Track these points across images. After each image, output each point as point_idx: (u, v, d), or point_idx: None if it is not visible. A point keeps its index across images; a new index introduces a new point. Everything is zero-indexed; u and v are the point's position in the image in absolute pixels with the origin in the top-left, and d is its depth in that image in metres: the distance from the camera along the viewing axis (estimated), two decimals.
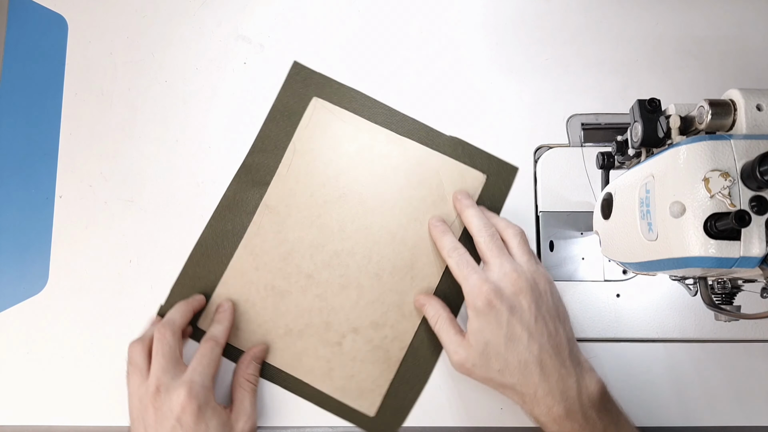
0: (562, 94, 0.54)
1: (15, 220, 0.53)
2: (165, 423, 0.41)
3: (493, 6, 0.56)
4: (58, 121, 0.55)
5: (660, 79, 0.54)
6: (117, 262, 0.52)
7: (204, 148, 0.54)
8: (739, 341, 0.49)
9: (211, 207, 0.52)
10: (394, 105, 0.54)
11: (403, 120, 0.53)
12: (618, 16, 0.55)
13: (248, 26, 0.56)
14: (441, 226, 0.49)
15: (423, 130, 0.53)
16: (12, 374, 0.50)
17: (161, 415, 0.41)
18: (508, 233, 0.45)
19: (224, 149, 0.54)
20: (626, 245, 0.39)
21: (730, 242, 0.30)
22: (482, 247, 0.45)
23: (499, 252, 0.44)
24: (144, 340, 0.45)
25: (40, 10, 0.57)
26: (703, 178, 0.30)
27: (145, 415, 0.42)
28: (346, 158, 0.52)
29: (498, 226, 0.46)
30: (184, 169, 0.53)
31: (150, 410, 0.41)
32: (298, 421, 0.49)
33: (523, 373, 0.41)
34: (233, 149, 0.53)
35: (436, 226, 0.49)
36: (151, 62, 0.56)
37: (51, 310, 0.51)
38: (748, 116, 0.32)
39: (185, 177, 0.53)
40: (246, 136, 0.54)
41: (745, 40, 0.54)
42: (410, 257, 0.50)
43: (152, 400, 0.41)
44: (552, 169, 0.52)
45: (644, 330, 0.49)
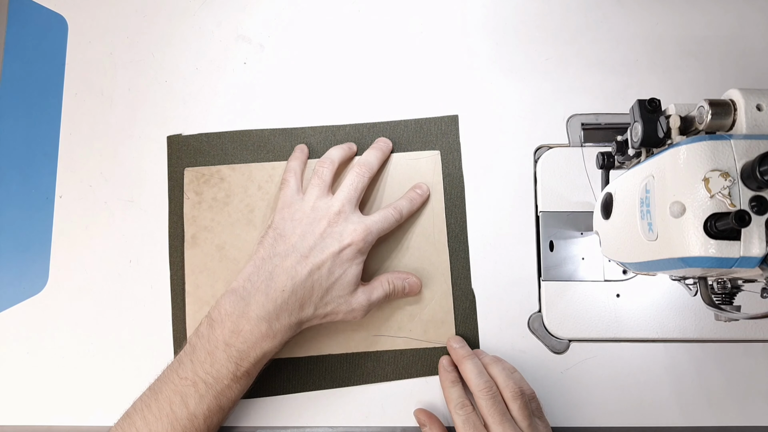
0: (562, 94, 0.54)
1: (15, 220, 0.53)
2: (328, 241, 0.44)
3: (493, 6, 0.56)
4: (58, 121, 0.55)
5: (660, 79, 0.54)
6: (117, 262, 0.52)
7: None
8: (739, 341, 0.49)
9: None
10: (394, 105, 0.54)
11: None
12: (618, 16, 0.55)
13: (248, 26, 0.56)
14: (451, 375, 0.46)
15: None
16: (12, 374, 0.50)
17: (329, 233, 0.44)
18: (507, 395, 0.43)
19: None
20: (626, 245, 0.39)
21: (730, 242, 0.30)
22: (484, 410, 0.42)
23: (502, 418, 0.41)
24: (334, 162, 0.48)
25: (40, 10, 0.57)
26: (703, 178, 0.30)
27: (313, 223, 0.45)
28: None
29: (497, 382, 0.44)
30: None
31: (323, 223, 0.45)
32: (298, 421, 0.49)
33: None
34: None
35: (445, 376, 0.47)
36: (151, 62, 0.56)
37: (51, 310, 0.51)
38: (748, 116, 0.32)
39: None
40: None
41: (745, 40, 0.54)
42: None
43: (331, 217, 0.45)
44: (552, 169, 0.52)
45: (644, 330, 0.49)
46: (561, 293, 0.50)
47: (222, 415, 0.43)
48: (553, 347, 0.49)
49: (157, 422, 0.41)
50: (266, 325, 0.42)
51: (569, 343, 0.49)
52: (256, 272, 0.44)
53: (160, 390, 0.42)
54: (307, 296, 0.43)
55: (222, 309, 0.43)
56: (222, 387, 0.41)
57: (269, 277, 0.43)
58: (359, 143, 0.53)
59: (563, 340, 0.49)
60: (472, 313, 0.50)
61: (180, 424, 0.40)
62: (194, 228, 0.52)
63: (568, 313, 0.49)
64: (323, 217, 0.45)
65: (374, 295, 0.46)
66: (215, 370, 0.41)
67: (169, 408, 0.41)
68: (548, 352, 0.49)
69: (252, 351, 0.42)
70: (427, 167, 0.52)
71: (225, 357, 0.41)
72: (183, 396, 0.41)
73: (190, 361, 0.42)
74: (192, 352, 0.42)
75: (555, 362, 0.49)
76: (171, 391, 0.41)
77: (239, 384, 0.42)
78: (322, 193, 0.47)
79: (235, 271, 0.51)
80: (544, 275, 0.50)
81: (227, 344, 0.42)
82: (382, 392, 0.49)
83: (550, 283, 0.50)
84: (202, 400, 0.41)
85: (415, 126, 0.53)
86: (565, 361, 0.49)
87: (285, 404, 0.49)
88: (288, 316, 0.43)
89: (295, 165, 0.50)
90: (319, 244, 0.44)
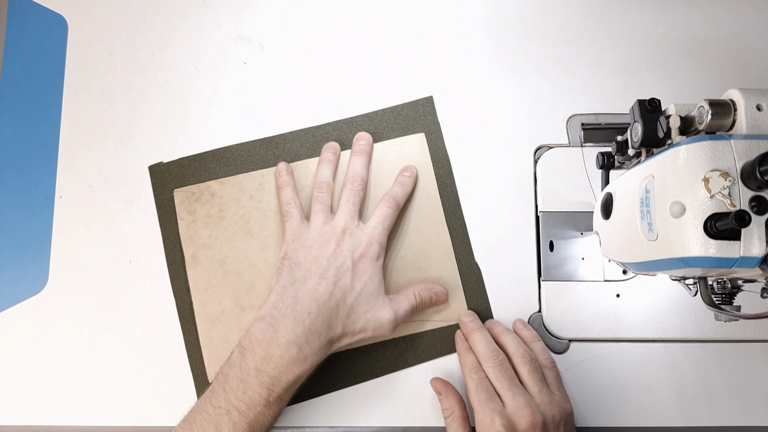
0: (562, 94, 0.54)
1: (15, 220, 0.53)
2: (341, 259, 0.45)
3: (493, 6, 0.56)
4: (58, 121, 0.55)
5: (660, 79, 0.54)
6: (117, 262, 0.52)
7: (204, 148, 0.54)
8: (739, 341, 0.49)
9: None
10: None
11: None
12: (618, 16, 0.55)
13: (248, 26, 0.56)
14: (465, 343, 0.47)
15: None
16: (12, 374, 0.50)
17: (339, 252, 0.46)
18: (517, 360, 0.44)
19: None
20: (626, 245, 0.39)
21: (730, 242, 0.30)
22: (492, 377, 0.43)
23: (510, 384, 0.42)
24: (329, 185, 0.50)
25: (40, 10, 0.57)
26: (703, 178, 0.30)
27: (323, 248, 0.46)
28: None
29: (508, 350, 0.45)
30: None
31: (331, 245, 0.46)
32: (298, 421, 0.49)
33: None
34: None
35: (461, 345, 0.47)
36: (151, 62, 0.56)
37: (51, 310, 0.51)
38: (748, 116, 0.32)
39: None
40: (245, 136, 0.54)
41: (745, 40, 0.54)
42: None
43: (337, 238, 0.46)
44: (552, 169, 0.52)
45: (644, 330, 0.49)
46: (561, 293, 0.50)
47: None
48: (553, 347, 0.49)
49: None
50: (296, 349, 0.42)
51: (569, 343, 0.49)
52: (281, 299, 0.44)
53: (194, 421, 0.42)
54: (333, 315, 0.44)
55: (252, 337, 0.43)
56: (255, 414, 0.41)
57: (294, 301, 0.44)
58: (341, 141, 0.53)
59: (563, 340, 0.49)
60: (480, 285, 0.50)
61: None
62: (193, 247, 0.52)
63: (568, 313, 0.49)
64: (330, 239, 0.46)
65: (401, 309, 0.46)
66: (248, 397, 0.41)
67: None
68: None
69: (284, 376, 0.42)
70: (414, 151, 0.53)
71: (257, 383, 0.41)
72: (217, 425, 0.41)
73: (223, 390, 0.42)
74: (224, 381, 0.42)
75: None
76: (205, 421, 0.41)
77: (271, 410, 0.42)
78: (326, 217, 0.48)
79: (239, 284, 0.51)
80: (544, 275, 0.50)
81: (259, 371, 0.42)
82: (382, 392, 0.49)
83: (550, 283, 0.50)
84: (235, 429, 0.41)
85: (392, 114, 0.54)
86: (565, 361, 0.49)
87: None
88: (317, 338, 0.43)
89: (289, 193, 0.50)
90: (332, 264, 0.45)
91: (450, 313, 0.50)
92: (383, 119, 0.54)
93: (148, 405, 0.49)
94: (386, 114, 0.54)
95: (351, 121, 0.54)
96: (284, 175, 0.52)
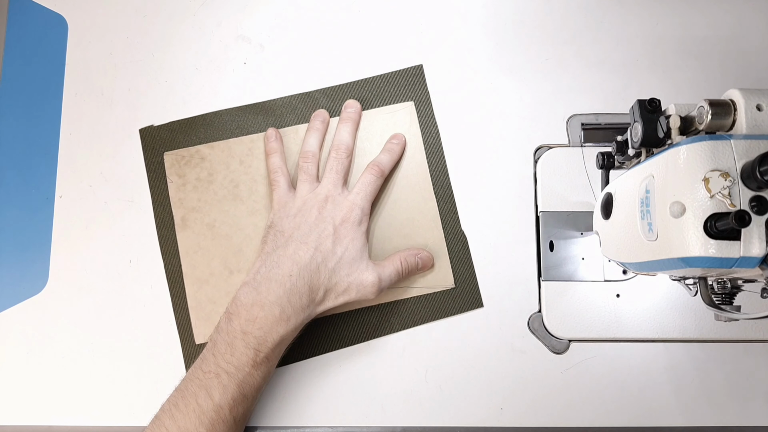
0: (562, 94, 0.54)
1: (15, 220, 0.53)
2: (322, 226, 0.46)
3: (493, 6, 0.56)
4: (58, 121, 0.55)
5: (660, 79, 0.54)
6: (117, 262, 0.52)
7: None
8: (739, 341, 0.49)
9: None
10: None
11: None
12: (618, 16, 0.55)
13: (248, 26, 0.56)
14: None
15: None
16: (12, 374, 0.50)
17: (321, 218, 0.47)
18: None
19: None
20: (626, 245, 0.39)
21: (730, 242, 0.30)
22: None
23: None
24: (315, 154, 0.51)
25: (40, 10, 0.57)
26: (703, 178, 0.30)
27: (306, 215, 0.47)
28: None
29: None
30: None
31: (314, 212, 0.47)
32: (299, 421, 0.49)
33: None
34: None
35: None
36: (151, 62, 0.56)
37: (51, 310, 0.51)
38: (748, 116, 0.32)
39: None
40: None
41: (745, 40, 0.54)
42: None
43: (319, 205, 0.47)
44: (552, 169, 0.52)
45: (644, 330, 0.49)
46: (561, 293, 0.50)
47: (246, 404, 0.44)
48: (553, 347, 0.49)
49: (184, 418, 0.41)
50: (279, 309, 0.43)
51: (569, 343, 0.49)
52: (264, 264, 0.45)
53: (185, 388, 0.43)
54: (315, 278, 0.45)
55: (237, 301, 0.44)
56: (243, 375, 0.43)
57: (276, 266, 0.45)
58: (330, 108, 0.54)
59: (563, 340, 0.49)
60: (466, 253, 0.51)
61: (207, 416, 0.41)
62: (182, 210, 0.52)
63: (568, 313, 0.49)
64: (313, 206, 0.48)
65: (386, 273, 0.47)
66: (236, 359, 0.42)
67: (195, 403, 0.42)
68: (548, 352, 0.49)
69: (269, 336, 0.43)
70: (403, 119, 0.53)
71: (243, 345, 0.43)
72: (207, 389, 0.42)
73: (212, 355, 0.43)
74: (213, 347, 0.44)
75: (555, 362, 0.49)
76: (196, 386, 0.42)
77: (260, 371, 0.43)
78: (311, 186, 0.50)
79: (228, 247, 0.52)
80: (544, 275, 0.50)
81: (244, 332, 0.43)
82: (383, 392, 0.49)
83: (550, 283, 0.50)
84: (225, 391, 0.42)
85: (382, 81, 0.54)
86: (565, 361, 0.49)
87: (285, 404, 0.49)
88: (299, 299, 0.44)
89: (277, 161, 0.51)
90: (314, 229, 0.46)
91: (436, 280, 0.50)
92: (373, 87, 0.54)
93: (148, 405, 0.49)
94: (376, 81, 0.54)
95: (340, 88, 0.54)
96: (272, 142, 0.52)
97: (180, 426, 0.41)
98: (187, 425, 0.41)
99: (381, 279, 0.47)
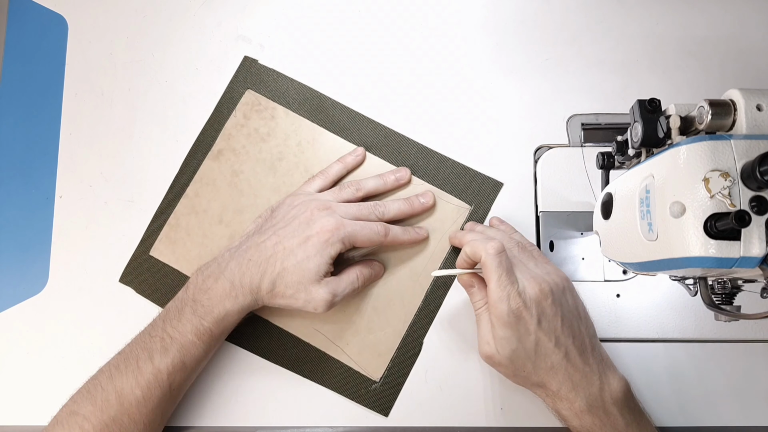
0: (562, 94, 0.54)
1: (15, 220, 0.53)
2: (302, 228, 0.46)
3: (493, 6, 0.56)
4: (58, 121, 0.55)
5: (660, 79, 0.54)
6: (117, 262, 0.52)
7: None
8: (739, 341, 0.49)
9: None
10: (393, 104, 0.54)
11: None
12: (618, 16, 0.55)
13: (248, 26, 0.56)
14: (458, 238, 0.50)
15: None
16: (12, 374, 0.50)
17: (307, 222, 0.46)
18: (507, 245, 0.44)
19: None
20: (626, 245, 0.39)
21: (730, 242, 0.30)
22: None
23: (517, 261, 0.44)
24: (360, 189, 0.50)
25: (40, 10, 0.57)
26: (703, 178, 0.30)
27: (302, 210, 0.47)
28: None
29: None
30: None
31: (307, 213, 0.47)
32: (299, 421, 0.49)
33: (549, 374, 0.42)
34: None
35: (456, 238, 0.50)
36: (151, 62, 0.56)
37: (51, 310, 0.51)
38: (748, 116, 0.32)
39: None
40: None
41: (745, 40, 0.54)
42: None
43: (319, 207, 0.47)
44: (552, 169, 0.52)
45: (644, 330, 0.49)
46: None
47: (185, 373, 0.44)
48: None
49: (122, 377, 0.42)
50: (229, 284, 0.45)
51: None
52: (237, 247, 0.47)
53: (129, 351, 0.44)
54: (269, 269, 0.45)
55: (199, 272, 0.47)
56: (185, 341, 0.44)
57: (245, 250, 0.46)
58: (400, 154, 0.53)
59: None
60: (408, 364, 0.49)
61: (144, 378, 0.42)
62: (224, 144, 0.54)
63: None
64: (313, 208, 0.47)
65: (340, 289, 0.46)
66: (181, 325, 0.44)
67: (135, 363, 0.43)
68: None
69: (215, 308, 0.44)
70: (450, 214, 0.52)
71: (191, 311, 0.44)
72: (150, 351, 0.43)
73: (161, 321, 0.45)
74: (165, 313, 0.46)
75: None
76: (140, 348, 0.44)
77: (202, 342, 0.44)
78: (323, 186, 0.51)
79: (234, 201, 0.53)
80: None
81: (194, 300, 0.45)
82: None
83: None
84: (166, 354, 0.43)
85: (461, 170, 0.52)
86: None
87: (285, 404, 0.49)
88: (249, 279, 0.45)
89: (337, 170, 0.52)
90: (295, 228, 0.46)
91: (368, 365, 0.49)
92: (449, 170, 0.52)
93: None
94: (455, 167, 0.52)
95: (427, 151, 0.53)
96: (352, 156, 0.52)
97: (116, 385, 0.42)
98: (122, 385, 0.42)
99: (334, 296, 0.45)
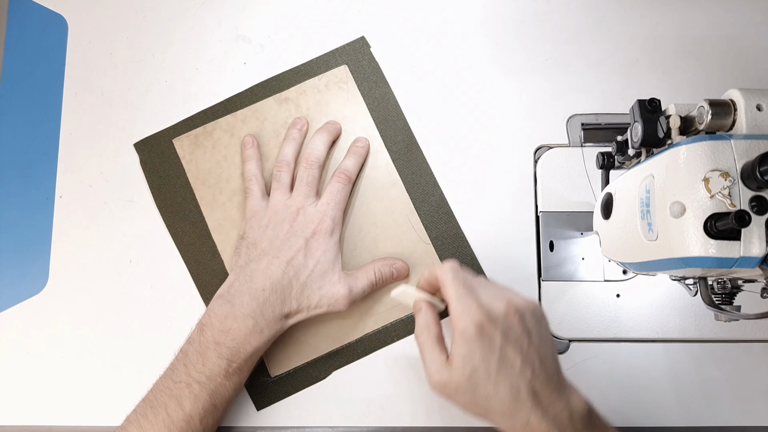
0: (562, 94, 0.54)
1: (15, 220, 0.53)
2: (293, 240, 0.46)
3: (493, 6, 0.56)
4: (58, 121, 0.55)
5: (660, 79, 0.54)
6: (117, 262, 0.52)
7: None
8: (739, 341, 0.49)
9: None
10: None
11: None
12: (618, 16, 0.55)
13: (248, 26, 0.56)
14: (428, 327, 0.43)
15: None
16: (12, 374, 0.50)
17: (293, 232, 0.46)
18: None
19: None
20: (626, 245, 0.39)
21: (730, 242, 0.30)
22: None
23: (476, 282, 0.40)
24: (289, 164, 0.50)
25: (40, 10, 0.57)
26: (703, 178, 0.30)
27: (277, 228, 0.47)
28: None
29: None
30: None
31: (285, 225, 0.47)
32: (298, 421, 0.49)
33: (515, 401, 0.37)
34: None
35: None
36: (151, 62, 0.56)
37: (51, 310, 0.51)
38: (748, 116, 0.32)
39: None
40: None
41: (745, 40, 0.54)
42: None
43: (291, 218, 0.47)
44: (552, 169, 0.52)
45: (644, 330, 0.49)
46: (561, 293, 0.50)
47: (217, 414, 0.43)
48: None
49: (153, 429, 0.41)
50: (252, 321, 0.43)
51: (569, 343, 0.49)
52: (238, 279, 0.46)
53: (155, 398, 0.42)
54: (287, 292, 0.45)
55: (211, 313, 0.45)
56: (215, 385, 0.42)
57: (249, 280, 0.45)
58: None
59: (563, 340, 0.49)
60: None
61: (177, 426, 0.41)
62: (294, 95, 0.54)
63: (568, 313, 0.49)
64: (285, 219, 0.47)
65: (358, 285, 0.47)
66: (207, 369, 0.42)
67: (165, 413, 0.41)
68: None
69: (242, 347, 0.43)
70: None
71: (216, 355, 0.43)
72: (178, 399, 0.42)
73: (183, 365, 0.43)
74: (184, 357, 0.44)
75: None
76: (166, 396, 0.42)
77: (231, 381, 0.43)
78: (284, 195, 0.49)
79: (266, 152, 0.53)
80: (544, 275, 0.50)
81: (217, 343, 0.43)
82: (383, 392, 0.49)
83: (550, 283, 0.50)
84: (197, 401, 0.42)
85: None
86: (565, 361, 0.49)
87: (285, 404, 0.49)
88: (272, 311, 0.44)
89: (253, 168, 0.51)
90: (285, 243, 0.46)
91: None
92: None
93: None
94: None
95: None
96: (248, 149, 0.52)
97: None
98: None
99: (352, 292, 0.46)
